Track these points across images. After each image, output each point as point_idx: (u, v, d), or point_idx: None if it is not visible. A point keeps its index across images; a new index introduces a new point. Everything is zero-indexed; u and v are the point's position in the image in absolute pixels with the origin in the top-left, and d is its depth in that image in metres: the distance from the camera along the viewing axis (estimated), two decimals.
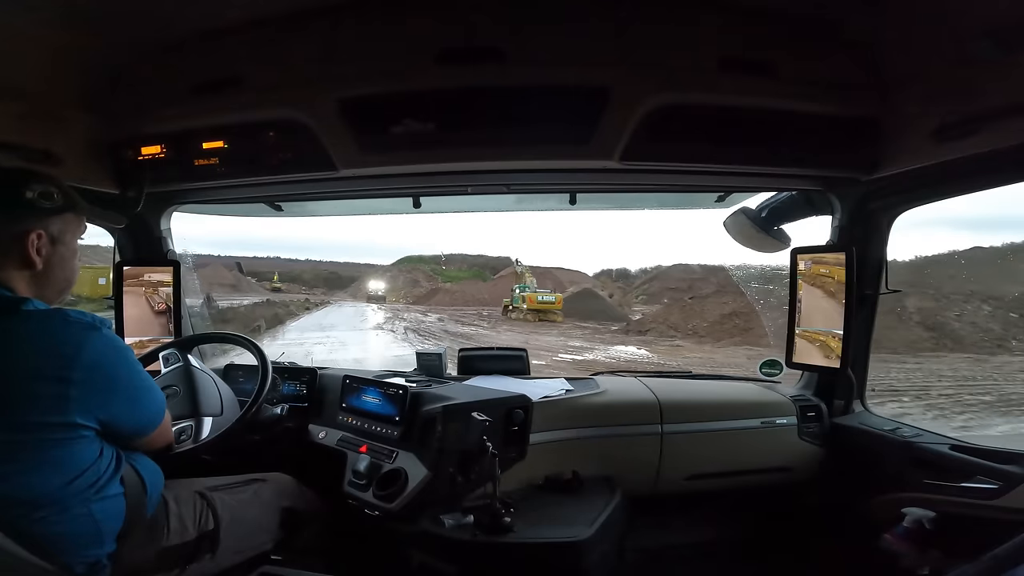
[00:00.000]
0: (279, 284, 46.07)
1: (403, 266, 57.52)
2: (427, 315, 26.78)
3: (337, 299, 42.45)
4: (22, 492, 0.83)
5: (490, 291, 38.44)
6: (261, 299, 28.34)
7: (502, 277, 42.31)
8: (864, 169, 1.47)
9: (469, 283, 46.21)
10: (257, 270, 54.17)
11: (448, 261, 60.54)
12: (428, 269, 55.09)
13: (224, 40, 1.42)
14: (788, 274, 1.81)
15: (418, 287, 47.59)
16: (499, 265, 54.87)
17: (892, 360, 10.91)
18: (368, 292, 42.08)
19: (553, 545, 1.35)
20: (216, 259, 49.55)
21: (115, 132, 1.54)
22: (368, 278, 49.56)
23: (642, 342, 17.16)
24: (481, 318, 25.32)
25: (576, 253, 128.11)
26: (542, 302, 23.28)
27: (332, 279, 57.29)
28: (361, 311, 29.91)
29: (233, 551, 1.19)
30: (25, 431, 0.83)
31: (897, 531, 1.38)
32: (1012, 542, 0.60)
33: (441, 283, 47.79)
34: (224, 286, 40.60)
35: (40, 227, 0.93)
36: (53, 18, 1.20)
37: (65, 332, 0.86)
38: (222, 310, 18.62)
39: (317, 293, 46.30)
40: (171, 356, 1.49)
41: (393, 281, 48.98)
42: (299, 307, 28.41)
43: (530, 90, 1.33)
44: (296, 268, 61.79)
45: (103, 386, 0.89)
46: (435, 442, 1.39)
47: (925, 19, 1.17)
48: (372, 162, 1.45)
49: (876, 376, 4.33)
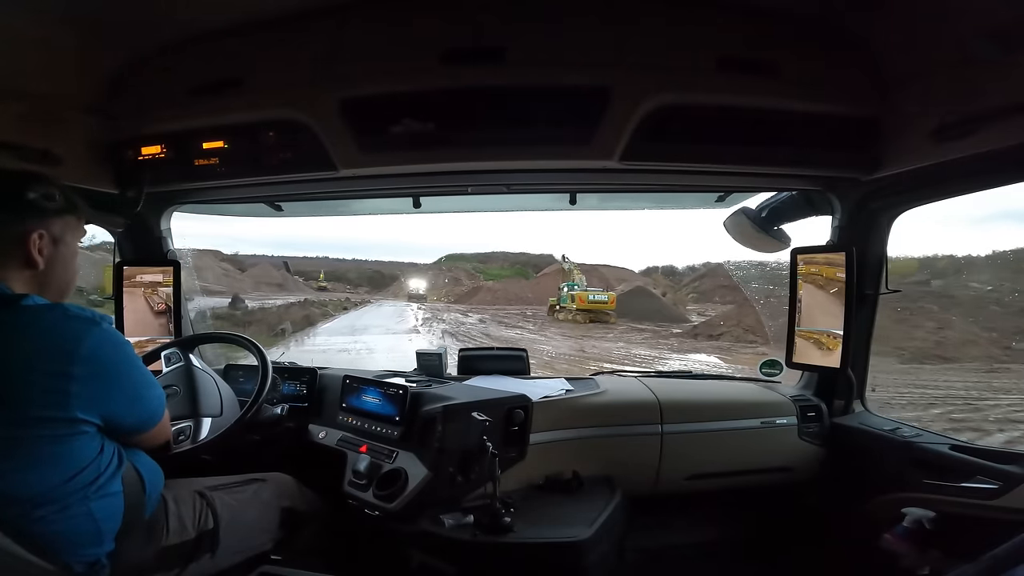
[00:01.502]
0: (324, 283, 46.40)
1: (444, 264, 57.18)
2: (468, 315, 24.86)
3: (379, 298, 41.96)
4: (21, 489, 0.83)
5: (533, 289, 37.60)
6: (296, 299, 27.44)
7: (545, 275, 41.53)
8: (864, 169, 1.46)
9: (511, 281, 45.37)
10: (304, 270, 54.65)
11: (489, 259, 60.20)
12: (470, 267, 54.73)
13: (225, 40, 1.42)
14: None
15: (459, 285, 46.88)
16: (541, 263, 54.31)
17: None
18: (409, 291, 41.74)
19: (553, 545, 1.35)
20: (266, 259, 50.46)
21: (115, 132, 1.54)
22: (409, 277, 49.41)
23: (716, 348, 15.06)
24: (525, 319, 23.36)
25: (619, 250, 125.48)
26: (594, 302, 21.24)
27: (376, 278, 57.62)
28: (400, 311, 28.37)
29: (233, 551, 1.19)
30: (24, 427, 0.82)
31: (897, 531, 1.38)
32: (1012, 542, 0.60)
33: (483, 281, 47.11)
34: (271, 285, 40.82)
35: (42, 228, 0.94)
36: (53, 18, 1.20)
37: (66, 327, 0.86)
38: (247, 312, 17.80)
39: (360, 292, 46.66)
40: (173, 355, 1.49)
41: (434, 280, 48.50)
42: (336, 307, 27.25)
43: (530, 90, 1.34)
44: (342, 267, 62.41)
45: (104, 381, 0.89)
46: (435, 442, 1.39)
47: (925, 19, 1.17)
48: (372, 162, 1.45)
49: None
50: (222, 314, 16.24)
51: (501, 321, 21.91)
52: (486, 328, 19.04)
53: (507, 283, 44.36)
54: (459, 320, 22.16)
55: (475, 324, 20.58)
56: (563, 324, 20.88)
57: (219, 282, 39.78)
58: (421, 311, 28.04)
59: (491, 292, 39.80)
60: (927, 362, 11.33)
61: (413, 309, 29.73)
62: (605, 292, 22.73)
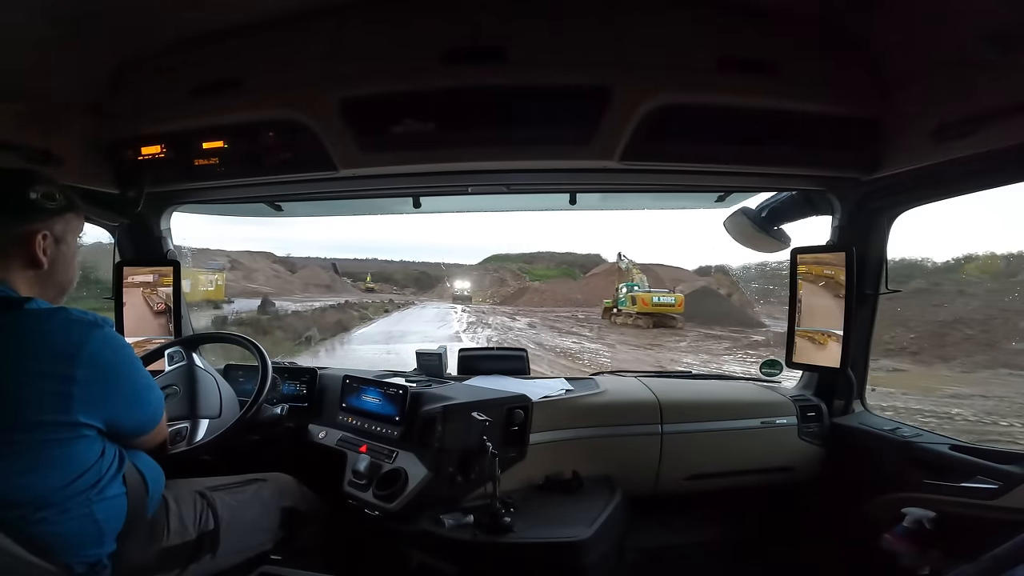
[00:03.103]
0: (371, 284, 47.28)
1: (489, 265, 57.08)
2: (515, 319, 22.86)
3: (424, 299, 41.47)
4: (23, 492, 0.83)
5: (582, 290, 36.75)
6: (335, 302, 26.78)
7: (594, 275, 40.65)
8: (864, 169, 1.46)
9: (559, 282, 44.67)
10: (353, 271, 55.50)
11: (535, 259, 59.88)
12: (515, 267, 54.48)
13: (225, 40, 1.42)
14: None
15: (505, 286, 46.63)
16: (588, 263, 53.93)
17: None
18: (453, 292, 41.74)
19: (553, 545, 1.35)
20: (316, 261, 51.89)
21: (115, 132, 1.54)
22: (454, 277, 49.56)
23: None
24: (579, 323, 20.96)
25: (667, 248, 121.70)
26: (659, 304, 18.83)
27: (422, 279, 58.42)
28: (443, 314, 26.65)
29: (233, 551, 1.19)
30: (26, 430, 0.82)
31: (897, 531, 1.38)
32: (1012, 542, 0.60)
33: (529, 282, 46.66)
34: (319, 286, 41.03)
35: (45, 227, 0.94)
36: (53, 18, 1.19)
37: (68, 330, 0.86)
38: (276, 317, 16.87)
39: (406, 293, 47.35)
40: (176, 354, 1.49)
41: (479, 280, 48.43)
42: (377, 310, 26.19)
43: (530, 90, 1.34)
44: (389, 269, 63.36)
45: (106, 384, 0.89)
46: (435, 442, 1.40)
47: (925, 19, 1.17)
48: (372, 162, 1.45)
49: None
50: (247, 319, 15.61)
51: (553, 326, 19.49)
52: (537, 334, 16.74)
53: (554, 284, 43.72)
54: (505, 324, 20.26)
55: (524, 329, 18.51)
56: (624, 329, 18.59)
57: (269, 283, 39.56)
58: (465, 314, 26.73)
59: (538, 293, 39.14)
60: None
61: (457, 311, 28.54)
62: (671, 293, 20.31)
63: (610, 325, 20.02)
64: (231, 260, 43.14)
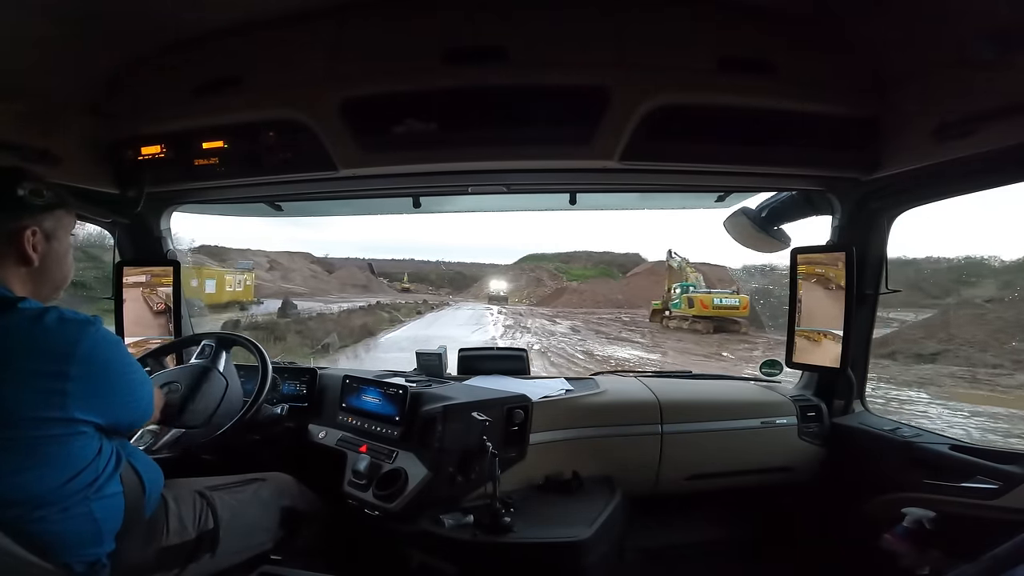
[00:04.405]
0: (408, 284, 47.40)
1: (525, 264, 56.64)
2: (556, 321, 20.64)
3: (459, 299, 40.66)
4: (20, 491, 0.83)
5: (623, 291, 35.81)
6: (364, 303, 25.43)
7: (636, 275, 39.55)
8: (864, 169, 1.47)
9: (598, 282, 43.59)
10: (390, 271, 55.63)
11: (572, 259, 59.21)
12: (552, 267, 53.91)
13: (225, 40, 1.42)
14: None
15: (541, 286, 45.90)
16: (627, 262, 53.12)
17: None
18: (489, 293, 41.32)
19: (553, 545, 1.35)
20: (353, 262, 51.99)
21: (115, 132, 1.54)
22: (490, 278, 49.23)
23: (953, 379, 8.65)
24: (626, 326, 18.99)
25: (702, 247, 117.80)
26: (721, 307, 16.79)
27: (457, 279, 58.59)
28: (478, 316, 24.82)
29: (233, 551, 1.19)
30: (21, 427, 0.82)
31: (897, 531, 1.38)
32: (1012, 542, 0.60)
33: (566, 282, 45.72)
34: (355, 287, 40.90)
35: (34, 224, 0.94)
36: (52, 18, 1.19)
37: (60, 329, 0.86)
38: (296, 320, 16.04)
39: (442, 293, 47.26)
40: (207, 348, 1.47)
41: (515, 280, 48.01)
42: (408, 312, 24.81)
43: (530, 90, 1.34)
44: (425, 269, 63.64)
45: (101, 381, 0.89)
46: (435, 442, 1.40)
47: (924, 19, 1.17)
48: (372, 162, 1.45)
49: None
50: (262, 322, 14.85)
51: (598, 331, 17.40)
52: (584, 342, 14.52)
53: (593, 284, 42.69)
54: (546, 328, 18.24)
55: (568, 336, 16.31)
56: (680, 335, 16.55)
57: (306, 283, 39.23)
58: (502, 315, 24.96)
59: (577, 294, 38.01)
60: None
61: (493, 313, 27.00)
62: (735, 294, 17.78)
63: (662, 329, 18.12)
64: (271, 260, 43.25)
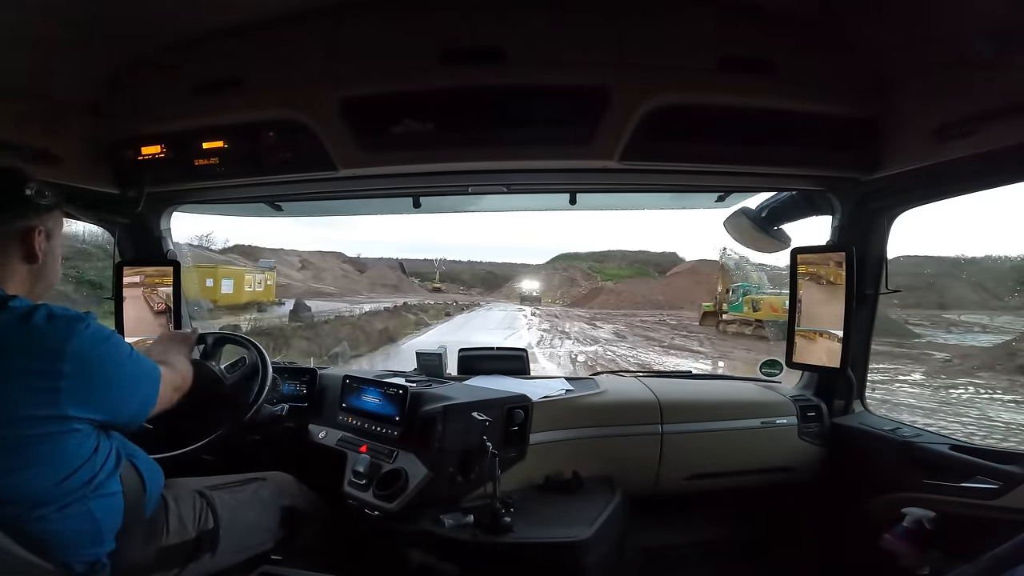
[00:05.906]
0: (439, 284, 47.33)
1: (558, 264, 55.65)
2: (596, 325, 18.80)
3: (490, 300, 39.82)
4: (17, 490, 0.83)
5: (663, 291, 34.26)
6: (389, 304, 23.76)
7: (676, 274, 37.97)
8: (864, 169, 1.47)
9: (635, 282, 42.05)
10: (422, 271, 55.34)
11: (606, 258, 58.30)
12: (585, 267, 52.89)
13: (224, 40, 1.42)
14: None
15: (575, 286, 44.58)
16: (664, 261, 51.68)
17: None
18: (521, 293, 40.70)
19: (553, 545, 1.35)
20: (384, 261, 51.71)
21: (115, 132, 1.54)
22: (522, 277, 48.74)
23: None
24: (674, 330, 17.13)
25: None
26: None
27: (489, 279, 58.34)
28: (511, 319, 22.63)
29: (233, 550, 1.19)
30: (13, 425, 0.82)
31: (897, 531, 1.38)
32: (1012, 542, 0.60)
33: (601, 282, 44.28)
34: (386, 286, 40.55)
35: (40, 223, 0.96)
36: (53, 18, 1.20)
37: (50, 326, 0.86)
38: (309, 324, 14.82)
39: (473, 293, 47.08)
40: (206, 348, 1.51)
41: (548, 280, 47.01)
42: (437, 313, 23.05)
43: (530, 90, 1.34)
44: (456, 269, 63.34)
45: (94, 377, 0.89)
46: (435, 442, 1.40)
47: (924, 19, 1.17)
48: (372, 162, 1.45)
49: None
50: (267, 327, 13.80)
51: (647, 336, 15.50)
52: (633, 350, 12.46)
53: (631, 284, 41.09)
54: (586, 333, 16.36)
55: (612, 342, 14.21)
56: (742, 341, 14.91)
57: (336, 283, 38.81)
58: (535, 318, 23.08)
59: (613, 294, 35.88)
60: None
61: (527, 314, 25.00)
62: None
63: (719, 334, 16.40)
64: (302, 260, 43.02)
